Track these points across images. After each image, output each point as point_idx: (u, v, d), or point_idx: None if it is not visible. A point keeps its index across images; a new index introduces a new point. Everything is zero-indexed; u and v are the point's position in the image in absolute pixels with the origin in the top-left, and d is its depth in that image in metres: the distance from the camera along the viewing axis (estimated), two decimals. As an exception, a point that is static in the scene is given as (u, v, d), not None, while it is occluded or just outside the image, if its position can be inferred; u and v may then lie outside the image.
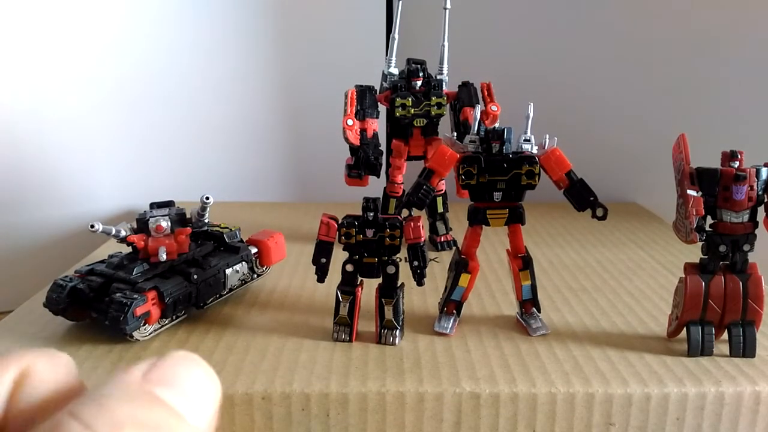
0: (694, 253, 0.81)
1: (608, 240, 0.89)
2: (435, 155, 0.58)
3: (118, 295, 0.57)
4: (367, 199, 0.58)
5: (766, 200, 0.55)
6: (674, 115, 1.08)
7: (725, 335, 0.57)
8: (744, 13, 1.03)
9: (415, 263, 0.58)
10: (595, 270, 0.78)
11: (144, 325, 0.58)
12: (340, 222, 0.58)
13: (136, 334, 0.58)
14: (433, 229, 0.85)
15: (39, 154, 1.03)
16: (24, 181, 1.03)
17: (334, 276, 0.60)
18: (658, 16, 1.07)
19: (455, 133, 0.60)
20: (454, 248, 0.84)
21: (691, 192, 0.55)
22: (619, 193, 1.13)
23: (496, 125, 0.77)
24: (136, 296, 0.57)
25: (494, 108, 0.77)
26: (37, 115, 1.01)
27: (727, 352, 0.57)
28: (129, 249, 0.63)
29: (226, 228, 0.70)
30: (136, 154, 1.11)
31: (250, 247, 0.70)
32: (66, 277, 0.62)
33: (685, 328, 0.57)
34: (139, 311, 0.57)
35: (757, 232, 0.56)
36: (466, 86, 0.80)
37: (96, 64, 1.04)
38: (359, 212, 0.58)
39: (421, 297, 0.68)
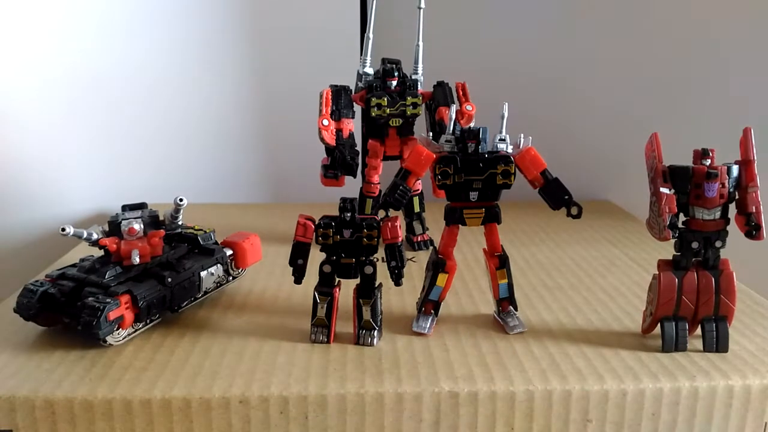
0: (667, 249, 0.82)
1: (582, 238, 0.90)
2: (411, 155, 0.58)
3: (90, 299, 0.56)
4: (344, 200, 0.57)
5: (737, 197, 0.55)
6: (647, 114, 1.10)
7: (699, 331, 0.58)
8: (713, 12, 1.05)
9: (393, 263, 0.58)
10: (570, 268, 0.79)
11: (117, 329, 0.57)
12: (317, 223, 0.58)
13: (109, 339, 0.57)
14: (410, 229, 0.85)
15: (7, 154, 1.00)
16: (-9, 183, 1.01)
17: (311, 277, 0.60)
18: (630, 16, 1.08)
19: (431, 133, 0.60)
20: (431, 248, 0.85)
21: (663, 190, 0.55)
22: (593, 192, 1.14)
23: (471, 125, 0.78)
24: (108, 300, 0.56)
25: (469, 108, 0.77)
26: (4, 115, 0.99)
27: (701, 348, 0.57)
28: (101, 252, 0.62)
29: (201, 230, 0.69)
30: (107, 154, 1.09)
31: (225, 249, 0.69)
32: (37, 281, 0.60)
33: (659, 324, 0.58)
34: (112, 315, 0.56)
35: (728, 228, 0.56)
36: (441, 86, 0.81)
37: (66, 62, 1.02)
38: (336, 213, 0.58)
39: (398, 297, 0.68)
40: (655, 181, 0.56)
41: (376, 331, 0.58)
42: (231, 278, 0.71)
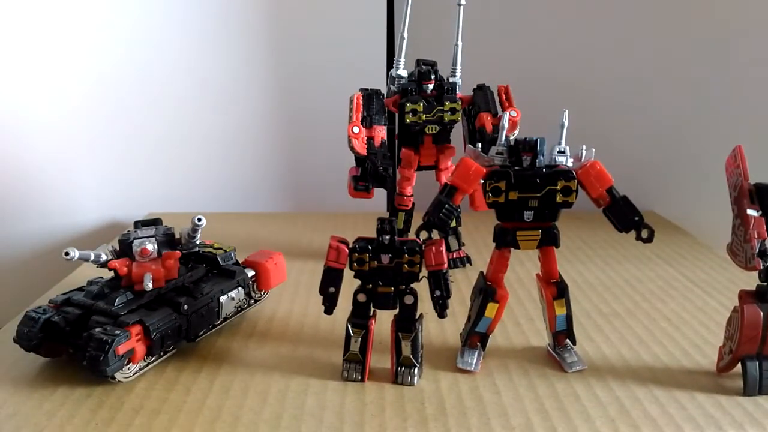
0: (728, 270, 0.76)
1: (632, 255, 0.83)
2: (458, 169, 0.51)
3: (97, 330, 0.50)
4: (381, 221, 0.50)
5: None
6: (692, 120, 1.01)
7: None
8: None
9: (437, 293, 0.51)
10: (624, 291, 0.71)
11: (127, 364, 0.51)
12: (351, 246, 0.51)
13: (118, 376, 0.51)
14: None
15: (15, 162, 0.95)
16: (-2, 192, 0.95)
17: (342, 304, 0.53)
18: (677, 23, 1.01)
19: (479, 144, 0.53)
20: (467, 265, 0.78)
21: (751, 212, 0.48)
22: (635, 201, 1.06)
23: (515, 133, 0.71)
24: (117, 332, 0.50)
25: (513, 113, 0.70)
26: (12, 120, 0.94)
27: (786, 389, 0.50)
28: (111, 273, 0.56)
29: (220, 249, 0.62)
30: (120, 161, 1.03)
31: (246, 270, 0.63)
32: (39, 308, 0.55)
33: (739, 364, 0.51)
34: (121, 350, 0.50)
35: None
36: (481, 89, 0.74)
37: (76, 64, 0.97)
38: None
39: (437, 324, 0.61)
40: (740, 201, 0.49)
41: (416, 369, 0.52)
42: (253, 302, 0.64)
